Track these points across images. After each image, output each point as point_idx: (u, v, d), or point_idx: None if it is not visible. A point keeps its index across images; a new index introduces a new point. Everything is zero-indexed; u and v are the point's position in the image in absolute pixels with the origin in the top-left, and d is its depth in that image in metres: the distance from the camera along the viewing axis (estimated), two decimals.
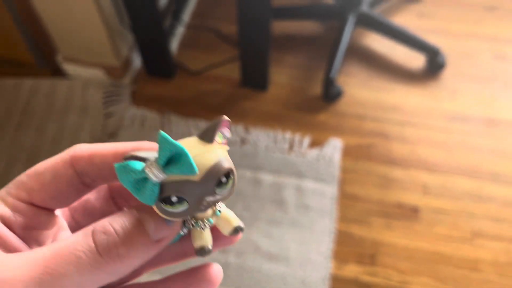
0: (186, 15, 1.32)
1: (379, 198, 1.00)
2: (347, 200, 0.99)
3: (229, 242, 0.23)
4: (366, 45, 1.28)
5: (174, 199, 0.18)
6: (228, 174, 0.19)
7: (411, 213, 0.97)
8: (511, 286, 0.88)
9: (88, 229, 0.19)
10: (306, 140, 1.07)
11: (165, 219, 0.20)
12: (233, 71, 1.19)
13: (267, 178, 1.01)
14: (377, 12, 1.30)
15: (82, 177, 0.21)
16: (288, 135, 1.08)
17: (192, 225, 0.21)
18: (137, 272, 0.23)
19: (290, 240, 0.93)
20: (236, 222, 0.22)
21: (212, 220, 0.21)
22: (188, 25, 1.31)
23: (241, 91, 1.18)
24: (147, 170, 0.18)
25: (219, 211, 0.22)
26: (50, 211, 0.22)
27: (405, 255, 0.92)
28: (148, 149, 0.20)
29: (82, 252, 0.18)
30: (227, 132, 0.21)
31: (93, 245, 0.18)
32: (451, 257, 0.92)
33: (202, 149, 0.19)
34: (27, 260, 0.18)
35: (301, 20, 1.33)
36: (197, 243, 0.21)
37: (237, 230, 0.22)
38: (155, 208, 0.19)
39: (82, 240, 0.18)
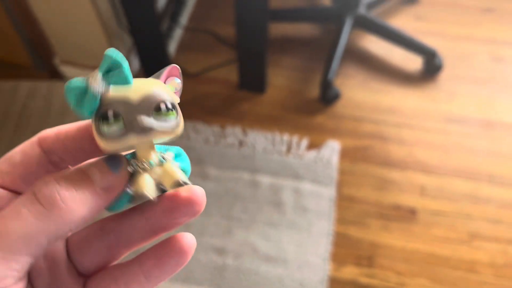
0: (184, 18, 1.32)
1: (377, 199, 1.00)
2: (344, 202, 1.00)
3: (189, 212, 0.21)
4: (364, 47, 1.28)
5: (110, 113, 0.19)
6: (168, 104, 0.19)
7: (408, 214, 0.98)
8: (508, 287, 0.89)
9: (30, 187, 0.19)
10: (304, 142, 1.08)
11: (109, 168, 0.20)
12: (230, 73, 1.20)
13: (265, 180, 1.01)
14: (374, 14, 1.30)
15: (49, 156, 0.21)
16: (286, 137, 1.09)
17: (132, 166, 0.20)
18: (114, 255, 0.22)
19: (288, 242, 0.94)
20: (180, 176, 0.21)
21: (152, 163, 0.20)
22: (186, 27, 1.31)
23: (239, 93, 1.18)
24: (88, 79, 0.19)
25: (163, 157, 0.21)
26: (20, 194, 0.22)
27: (402, 257, 0.93)
28: None
29: (22, 206, 0.18)
30: (178, 81, 0.21)
31: (33, 197, 0.18)
32: (449, 258, 0.92)
33: (150, 81, 0.20)
34: None
35: (298, 22, 1.34)
36: (137, 189, 0.20)
37: (179, 183, 0.20)
38: (93, 128, 0.19)
39: (23, 197, 0.18)
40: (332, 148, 1.07)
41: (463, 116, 1.13)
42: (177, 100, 0.21)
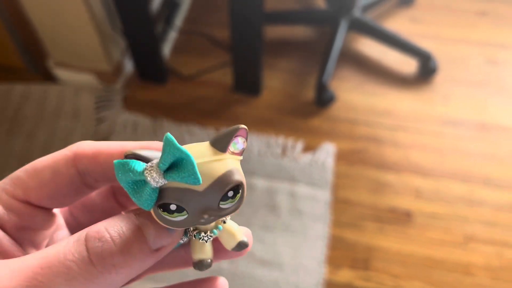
0: (179, 20, 1.32)
1: (372, 202, 1.00)
2: (340, 205, 0.99)
3: (231, 257, 0.21)
4: (359, 50, 1.28)
5: (172, 207, 0.17)
6: (236, 187, 0.17)
7: (404, 217, 0.97)
8: None
9: (81, 234, 0.17)
10: (299, 145, 1.07)
11: (166, 227, 0.18)
12: (225, 76, 1.19)
13: (260, 183, 1.01)
14: (369, 17, 1.31)
15: (84, 177, 0.19)
16: (281, 140, 1.08)
17: (194, 236, 0.19)
18: (132, 279, 0.21)
19: (283, 245, 0.93)
20: (241, 236, 0.20)
21: (216, 232, 0.19)
22: (180, 30, 1.30)
23: (233, 96, 1.17)
24: (146, 173, 0.16)
25: (224, 222, 0.20)
26: (47, 210, 0.20)
27: (398, 260, 0.92)
28: (156, 149, 0.18)
29: (73, 262, 0.16)
30: (242, 142, 0.19)
31: (86, 253, 0.16)
32: (444, 261, 0.92)
33: (212, 157, 0.17)
34: (13, 271, 0.16)
35: (293, 25, 1.34)
36: (197, 256, 0.19)
37: (241, 245, 0.19)
38: (152, 213, 0.18)
39: (73, 247, 0.17)
40: (328, 151, 1.06)
41: (458, 118, 1.13)
42: (241, 175, 0.18)
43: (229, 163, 0.18)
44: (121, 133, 1.09)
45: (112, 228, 0.17)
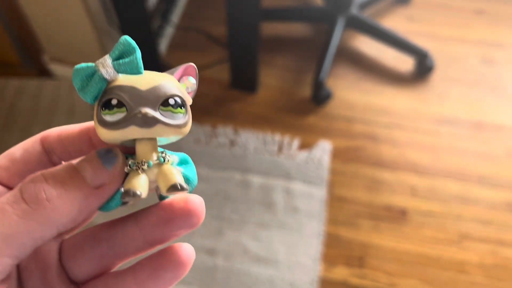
0: (175, 16, 1.31)
1: (368, 200, 1.00)
2: (336, 203, 0.99)
3: (186, 224, 0.19)
4: (355, 48, 1.28)
5: (114, 101, 0.18)
6: (180, 100, 0.18)
7: (399, 215, 0.98)
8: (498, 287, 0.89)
9: (19, 184, 0.18)
10: (295, 143, 1.07)
11: (103, 163, 0.18)
12: (222, 72, 1.19)
13: (256, 180, 1.01)
14: (366, 14, 1.30)
15: (50, 155, 0.20)
16: (277, 137, 1.08)
17: (129, 165, 0.19)
18: (106, 266, 0.21)
19: (278, 242, 0.93)
20: (178, 179, 0.19)
21: (151, 164, 0.19)
22: (177, 26, 1.30)
23: (230, 93, 1.17)
24: (96, 63, 0.18)
25: (163, 158, 0.19)
26: None
27: (393, 257, 0.93)
28: None
29: (7, 204, 0.17)
30: (194, 82, 0.20)
31: (19, 194, 0.17)
32: (439, 259, 0.92)
33: (162, 74, 0.19)
34: None
35: (290, 22, 1.33)
36: (126, 185, 0.18)
37: (175, 187, 0.18)
38: (94, 117, 0.18)
39: (9, 194, 0.17)
40: (324, 149, 1.06)
41: (454, 117, 1.14)
42: (189, 100, 0.20)
43: (177, 83, 0.19)
44: None
45: (46, 172, 0.18)
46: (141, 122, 0.18)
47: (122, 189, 0.19)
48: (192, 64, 0.20)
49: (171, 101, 0.18)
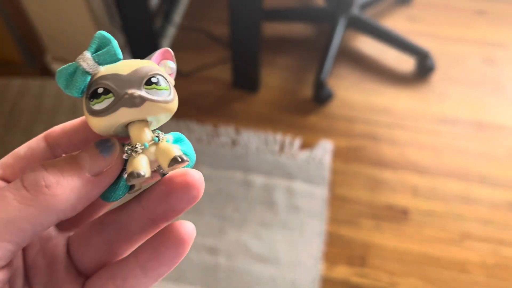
0: (178, 16, 1.32)
1: (369, 200, 1.00)
2: (337, 202, 1.00)
3: (186, 197, 0.19)
4: (357, 48, 1.28)
5: (100, 90, 0.18)
6: (159, 76, 0.19)
7: (400, 215, 0.98)
8: (499, 287, 0.89)
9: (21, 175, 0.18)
10: (297, 142, 1.08)
11: (100, 152, 0.19)
12: (224, 72, 1.19)
13: (257, 179, 1.01)
14: (367, 15, 1.31)
15: (54, 150, 0.21)
16: (279, 137, 1.08)
17: (126, 152, 0.19)
18: (114, 252, 0.21)
19: (280, 241, 0.93)
20: (177, 152, 0.19)
21: (147, 145, 0.19)
22: (179, 26, 1.30)
23: (232, 93, 1.18)
24: (77, 59, 0.19)
25: (157, 137, 0.20)
26: None
27: (394, 257, 0.93)
28: None
29: (8, 192, 0.17)
30: (172, 64, 0.21)
31: (20, 183, 0.17)
32: (440, 258, 0.93)
33: (141, 60, 0.20)
34: None
35: (292, 22, 1.34)
36: (128, 169, 0.19)
37: (176, 159, 0.19)
38: (84, 111, 0.19)
39: (11, 183, 0.18)
40: (325, 148, 1.07)
41: (455, 117, 1.14)
42: (172, 81, 0.21)
43: (156, 65, 0.20)
44: None
45: (46, 161, 0.18)
46: (130, 103, 0.18)
47: (125, 175, 0.19)
48: (167, 48, 0.21)
49: (154, 79, 0.19)
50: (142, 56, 0.22)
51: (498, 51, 1.27)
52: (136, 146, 0.19)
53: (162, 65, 0.21)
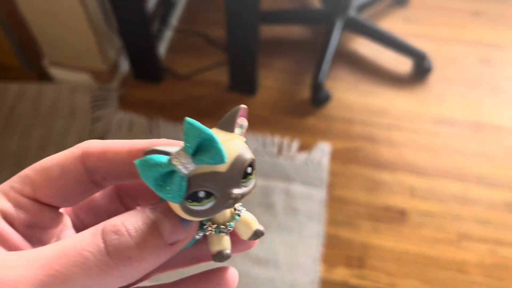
0: (174, 19, 1.32)
1: (367, 201, 1.00)
2: (335, 204, 1.00)
3: (247, 247, 0.21)
4: (354, 50, 1.29)
5: (201, 194, 0.17)
6: (252, 164, 0.18)
7: (398, 216, 0.98)
8: (497, 287, 0.90)
9: (98, 228, 0.17)
10: (295, 144, 1.08)
11: (181, 221, 0.18)
12: (221, 75, 1.19)
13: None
14: (364, 16, 1.31)
15: (92, 175, 0.20)
16: (276, 139, 1.09)
17: (213, 231, 0.19)
18: (145, 276, 0.21)
19: (278, 244, 0.94)
20: (256, 225, 0.20)
21: (233, 224, 0.20)
22: (176, 29, 1.30)
23: (229, 95, 1.18)
24: (174, 161, 0.16)
25: (238, 214, 0.20)
26: (55, 208, 0.20)
27: (393, 258, 0.93)
28: (166, 145, 0.19)
29: (90, 253, 0.16)
30: (244, 121, 0.19)
31: (102, 245, 0.17)
32: (438, 259, 0.93)
33: (225, 138, 0.18)
34: (30, 260, 0.16)
35: (289, 24, 1.34)
36: (215, 248, 0.19)
37: (257, 234, 0.20)
38: (178, 208, 0.17)
39: (90, 239, 0.17)
40: (323, 150, 1.07)
41: (452, 118, 1.14)
42: (251, 152, 0.19)
43: (241, 143, 0.18)
44: (117, 132, 1.09)
45: (128, 222, 0.17)
46: (231, 204, 0.18)
47: (196, 236, 0.19)
48: (245, 106, 0.19)
49: (249, 170, 0.18)
50: (138, 62, 0.21)
51: (495, 52, 1.28)
52: (227, 227, 0.19)
53: (238, 127, 0.19)
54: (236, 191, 0.17)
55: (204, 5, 1.38)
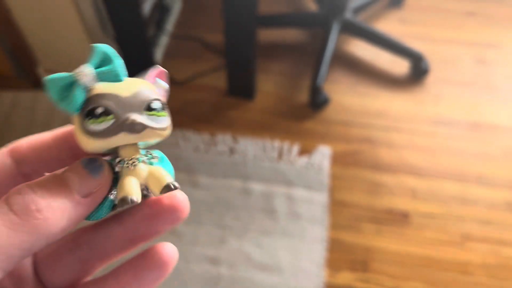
0: (170, 25, 1.31)
1: (369, 204, 1.00)
2: (337, 207, 0.99)
3: (173, 218, 0.20)
4: (351, 52, 1.29)
5: (99, 109, 0.18)
6: (159, 102, 0.19)
7: (401, 218, 0.98)
8: (501, 287, 0.90)
9: (4, 196, 0.17)
10: (295, 148, 1.07)
11: (89, 171, 0.18)
12: (219, 80, 1.19)
13: (256, 187, 1.01)
14: (360, 19, 1.31)
15: (21, 167, 0.20)
16: (276, 143, 1.08)
17: (118, 163, 0.19)
18: (87, 270, 0.21)
19: (281, 249, 0.93)
20: (169, 179, 0.19)
21: (140, 159, 0.19)
22: (172, 34, 1.29)
23: (227, 100, 1.17)
24: (76, 73, 0.18)
25: (151, 163, 0.19)
26: None
27: (396, 260, 0.93)
28: None
29: None
30: (161, 82, 0.20)
31: (6, 207, 0.16)
32: (441, 260, 0.93)
33: (139, 80, 0.19)
34: None
35: (286, 28, 1.34)
36: (120, 194, 0.18)
37: (168, 187, 0.18)
38: (79, 132, 0.18)
39: None
40: (323, 154, 1.06)
41: (450, 118, 1.14)
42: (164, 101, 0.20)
43: (149, 84, 0.19)
44: None
45: (32, 183, 0.17)
46: (131, 129, 0.18)
47: (111, 196, 0.19)
48: (161, 68, 0.21)
49: (154, 105, 0.18)
50: (135, 68, 0.21)
51: (490, 51, 1.28)
52: (131, 161, 0.19)
53: (155, 85, 0.20)
54: (135, 116, 0.18)
55: (199, 10, 1.37)
